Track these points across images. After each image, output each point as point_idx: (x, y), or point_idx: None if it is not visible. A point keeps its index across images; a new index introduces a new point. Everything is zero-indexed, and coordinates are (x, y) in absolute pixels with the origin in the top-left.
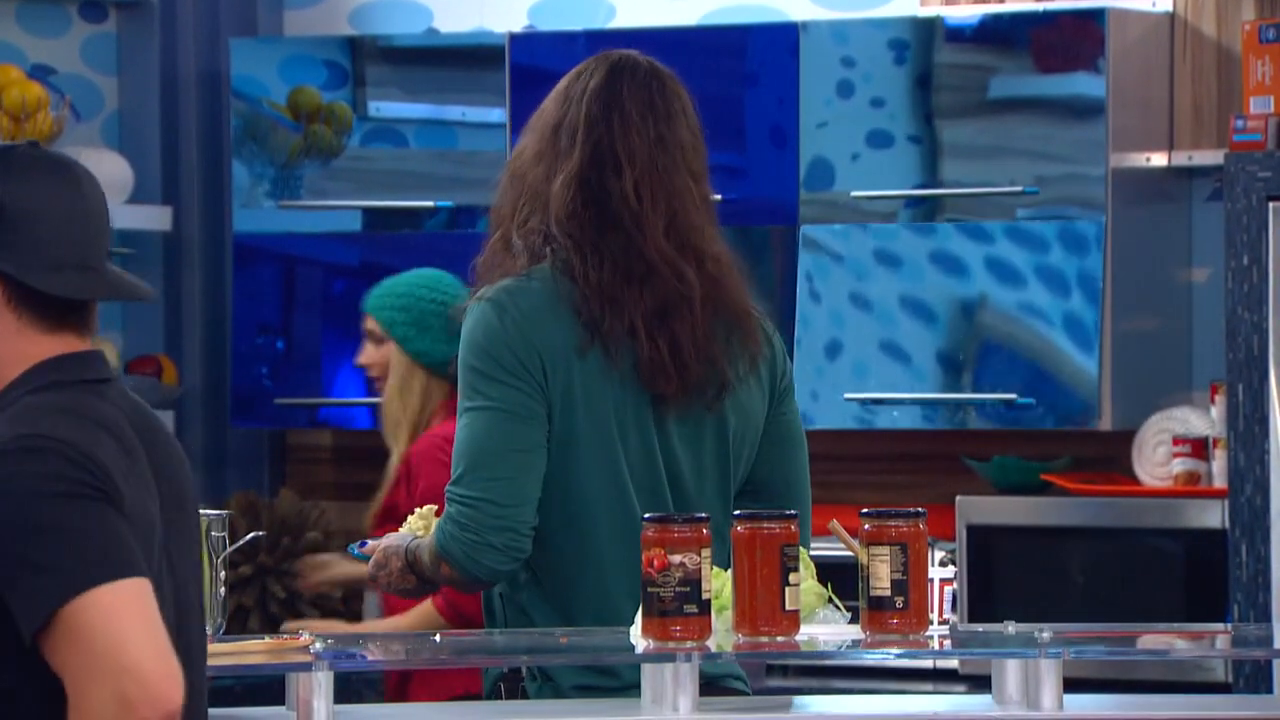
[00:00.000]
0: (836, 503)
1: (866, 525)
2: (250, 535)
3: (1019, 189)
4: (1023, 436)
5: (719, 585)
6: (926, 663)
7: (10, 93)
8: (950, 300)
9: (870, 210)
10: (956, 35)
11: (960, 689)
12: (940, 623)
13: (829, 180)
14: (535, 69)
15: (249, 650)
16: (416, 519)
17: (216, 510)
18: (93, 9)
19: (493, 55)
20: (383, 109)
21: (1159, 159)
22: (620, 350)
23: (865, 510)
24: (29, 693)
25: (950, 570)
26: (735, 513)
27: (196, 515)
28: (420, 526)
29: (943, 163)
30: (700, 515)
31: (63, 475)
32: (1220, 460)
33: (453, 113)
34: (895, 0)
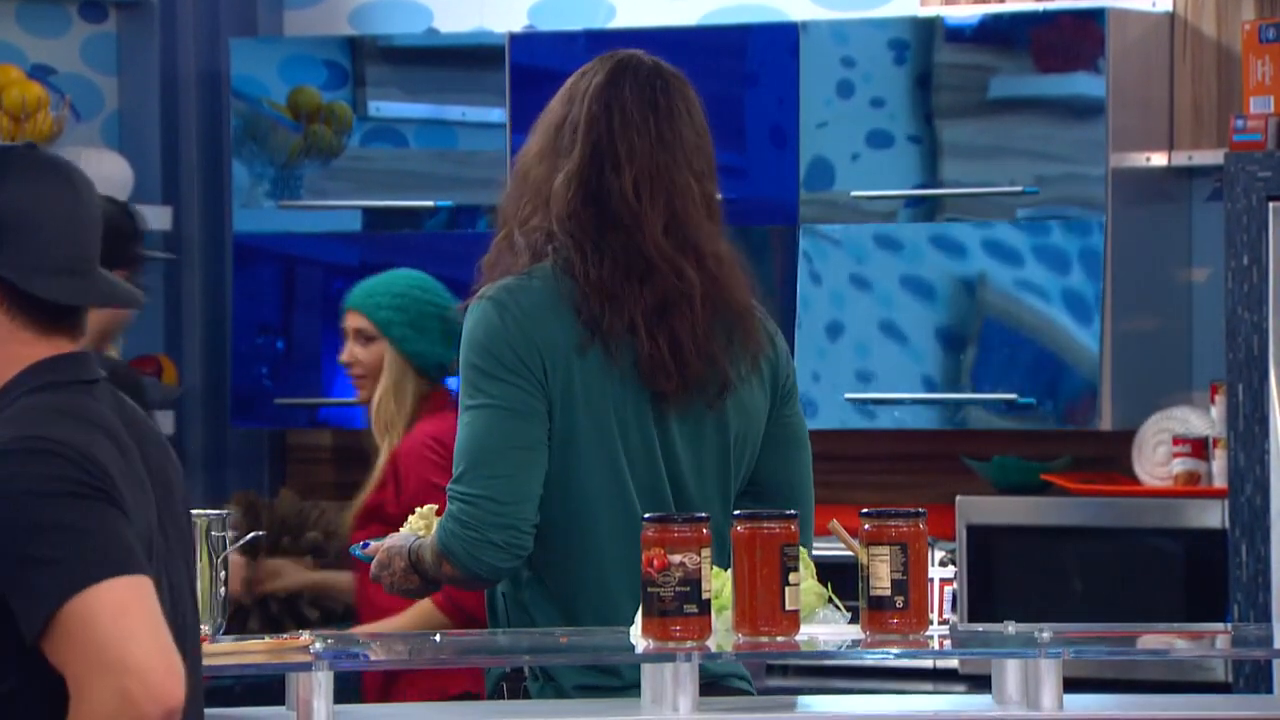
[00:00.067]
0: (836, 503)
1: (866, 525)
2: (250, 535)
3: (1019, 189)
4: (1023, 436)
5: (719, 585)
6: (926, 663)
7: (10, 93)
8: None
9: (870, 210)
10: (956, 35)
11: (960, 689)
12: (940, 623)
13: (829, 180)
14: (535, 69)
15: (249, 650)
16: (417, 519)
17: (216, 510)
18: (93, 9)
19: (493, 55)
20: (383, 109)
21: (1159, 159)
22: (620, 348)
23: (865, 510)
24: (30, 694)
25: (950, 570)
26: (735, 513)
27: (189, 514)
28: (421, 526)
29: (943, 163)
30: (700, 515)
31: (63, 476)
32: (1220, 460)
33: (453, 113)
34: (895, 0)
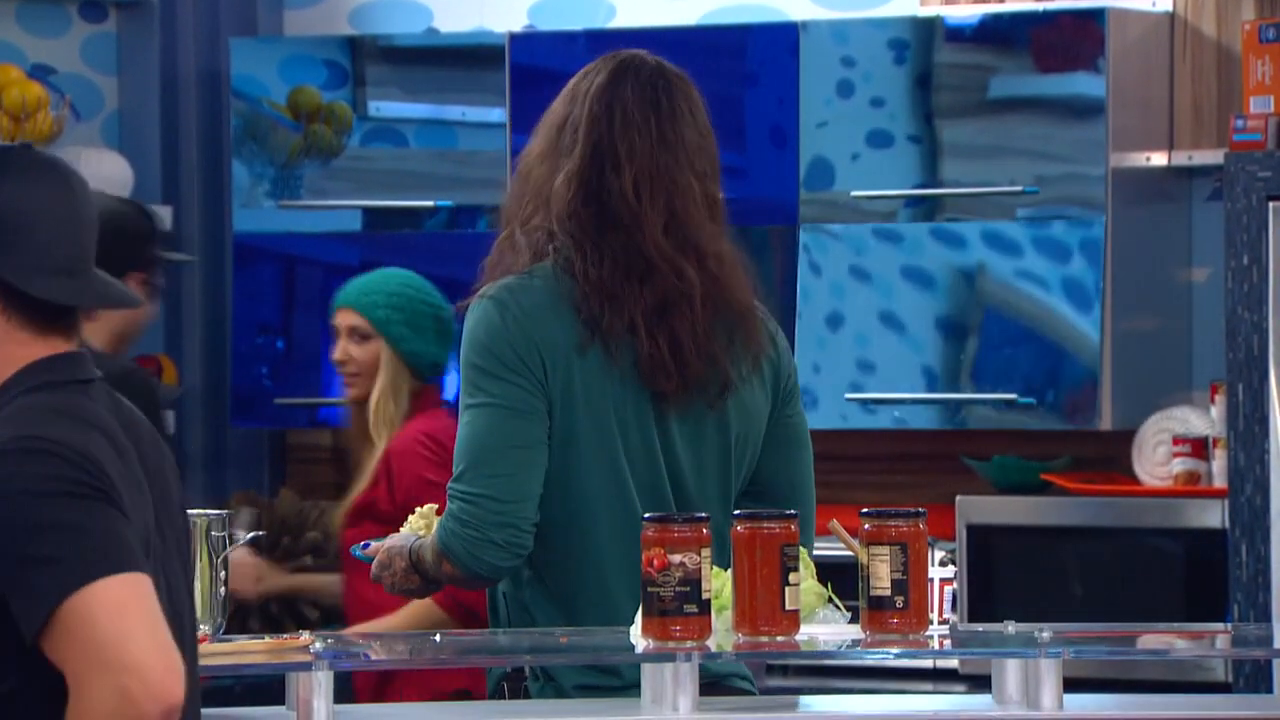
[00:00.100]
0: (836, 503)
1: (866, 525)
2: (250, 535)
3: (1019, 189)
4: (1023, 436)
5: (719, 585)
6: (926, 662)
7: (10, 93)
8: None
9: (870, 210)
10: (956, 35)
11: (960, 689)
12: (940, 622)
13: (829, 180)
14: (535, 69)
15: (249, 650)
16: (418, 518)
17: (217, 510)
18: (93, 9)
19: (493, 55)
20: (383, 109)
21: (1159, 159)
22: (620, 348)
23: (865, 510)
24: (31, 693)
25: (950, 570)
26: (735, 512)
27: (185, 514)
28: (422, 526)
29: (943, 162)
30: (700, 515)
31: (61, 475)
32: (1220, 460)
33: (453, 112)
34: (895, 0)
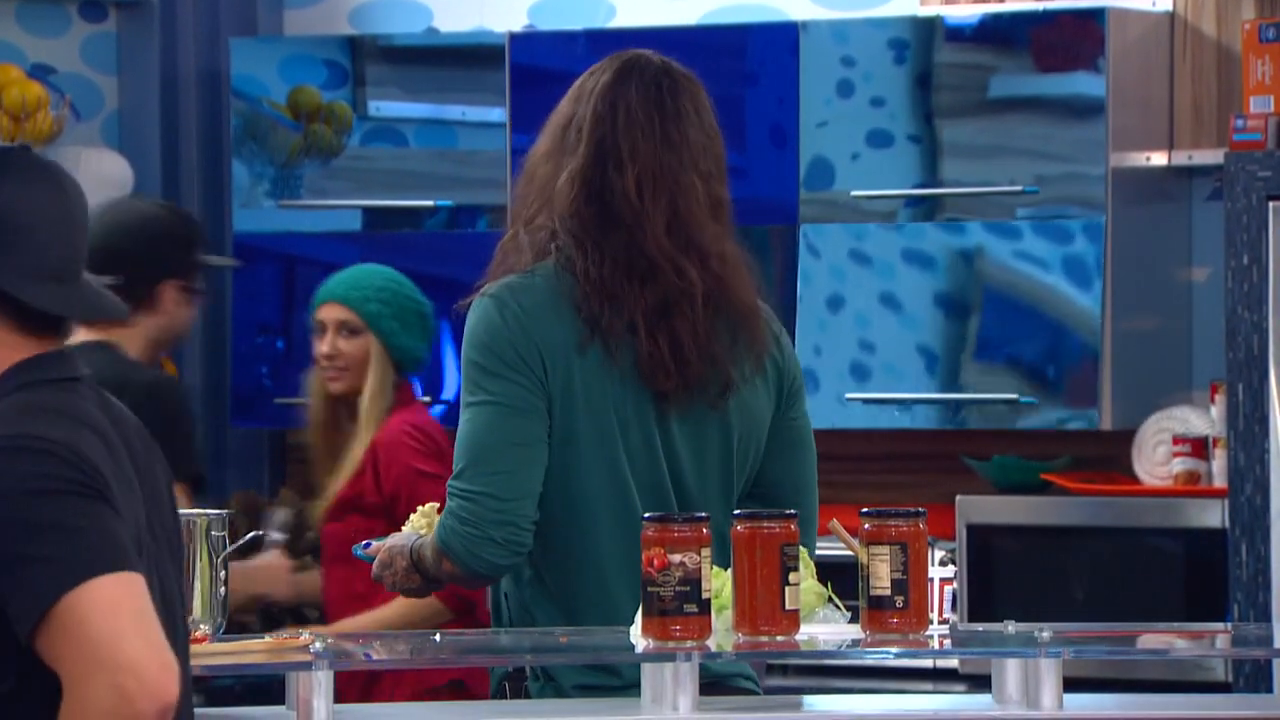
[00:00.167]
0: (836, 503)
1: (866, 525)
2: (250, 535)
3: (1019, 188)
4: (1023, 436)
5: (719, 585)
6: (926, 662)
7: (10, 92)
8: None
9: (870, 209)
10: (956, 35)
11: (960, 688)
12: (940, 622)
13: (829, 180)
14: (535, 69)
15: (249, 650)
16: (419, 517)
17: (217, 510)
18: (93, 8)
19: (493, 55)
20: (383, 108)
21: (1159, 158)
22: (620, 347)
23: (865, 510)
24: (27, 694)
25: (950, 570)
26: (735, 512)
27: (176, 513)
28: (423, 525)
29: (943, 162)
30: (700, 515)
31: (55, 474)
32: (1220, 460)
33: (453, 112)
34: (895, 0)
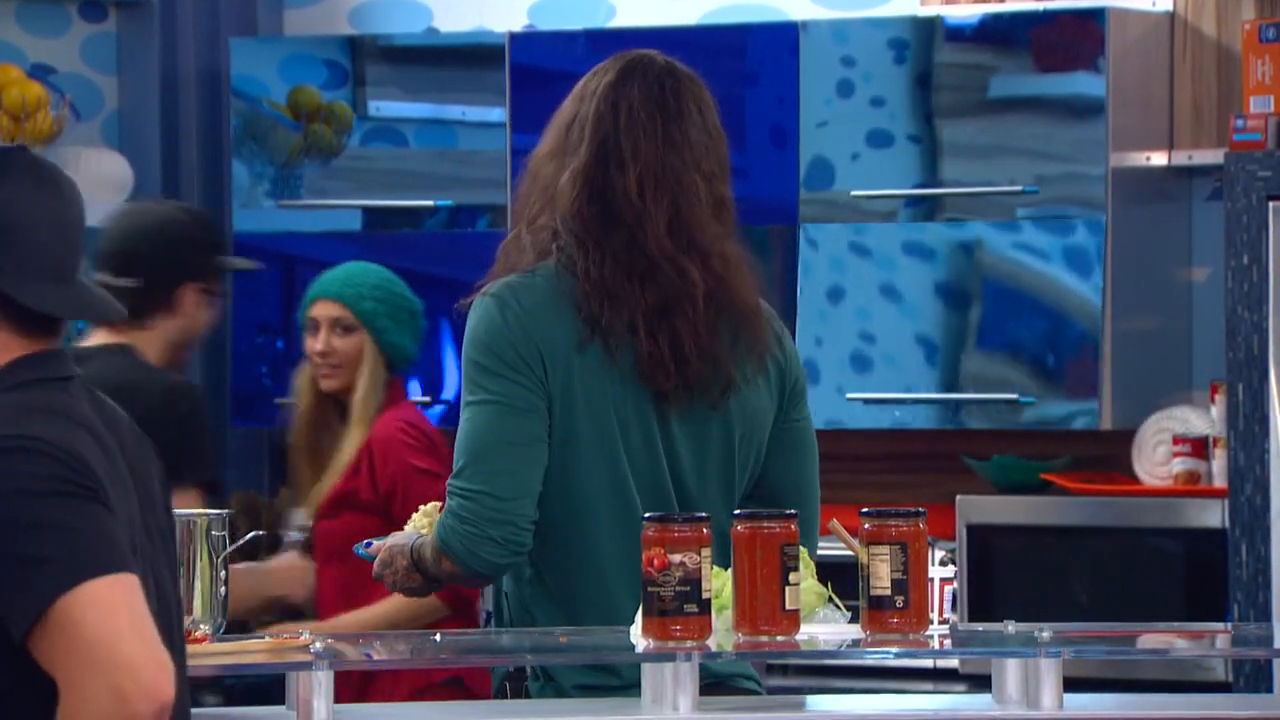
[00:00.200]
0: (836, 502)
1: (866, 525)
2: (250, 535)
3: (1019, 188)
4: (1023, 436)
5: (719, 585)
6: (926, 662)
7: (10, 92)
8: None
9: (870, 209)
10: (956, 35)
11: (960, 688)
12: (940, 622)
13: (829, 180)
14: (535, 68)
15: (249, 650)
16: (421, 516)
17: (217, 510)
18: (93, 8)
19: (493, 55)
20: (383, 108)
21: (1159, 158)
22: (620, 346)
23: (865, 510)
24: (23, 694)
25: (950, 570)
26: (735, 512)
27: (171, 513)
28: (425, 524)
29: (943, 162)
30: (700, 515)
31: (50, 474)
32: (1220, 460)
33: (453, 112)
34: (895, 0)
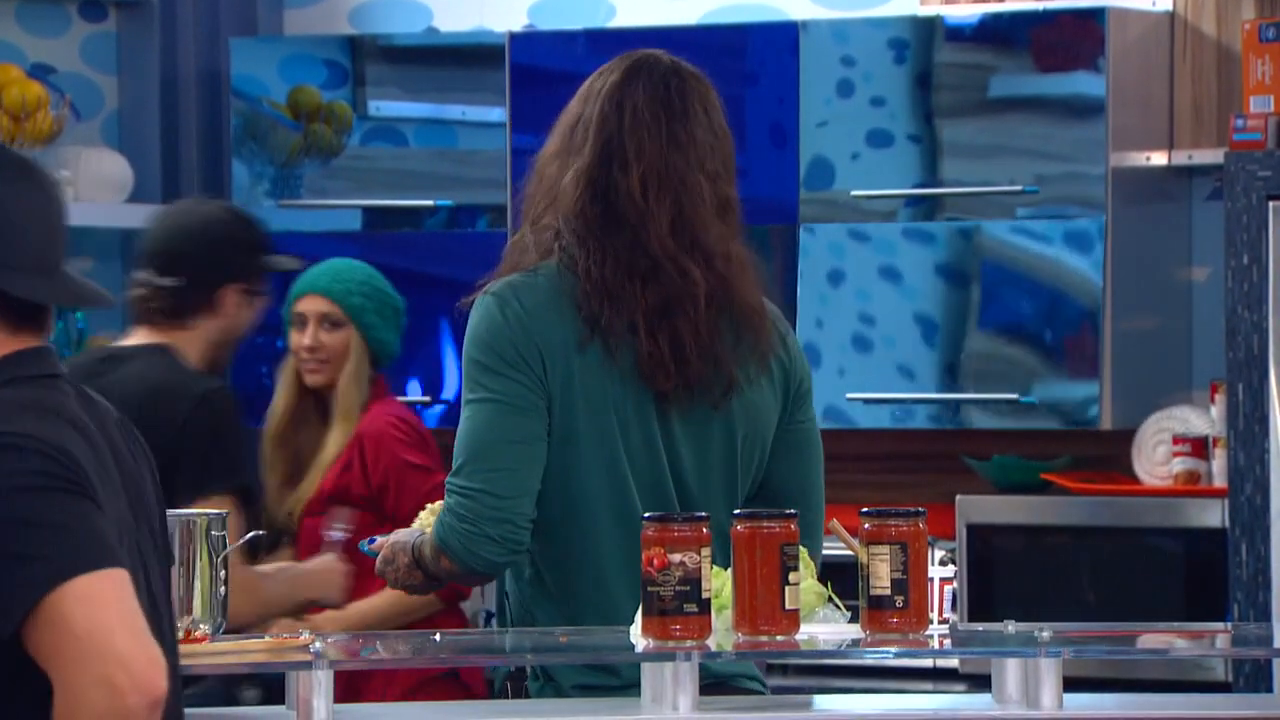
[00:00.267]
0: (836, 502)
1: (866, 524)
2: (250, 535)
3: (1019, 188)
4: (1023, 436)
5: (719, 584)
6: (926, 662)
7: (10, 92)
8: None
9: (870, 209)
10: (956, 34)
11: (960, 688)
12: (940, 622)
13: (829, 179)
14: (535, 68)
15: (249, 650)
16: (427, 514)
17: (217, 510)
18: (93, 8)
19: (493, 54)
20: (383, 108)
21: (1159, 158)
22: (620, 346)
23: (865, 510)
24: (18, 695)
25: (950, 569)
26: (735, 512)
27: (163, 512)
28: (429, 522)
29: (943, 162)
30: (700, 514)
31: (40, 470)
32: (1220, 459)
33: (453, 112)
34: (895, 0)
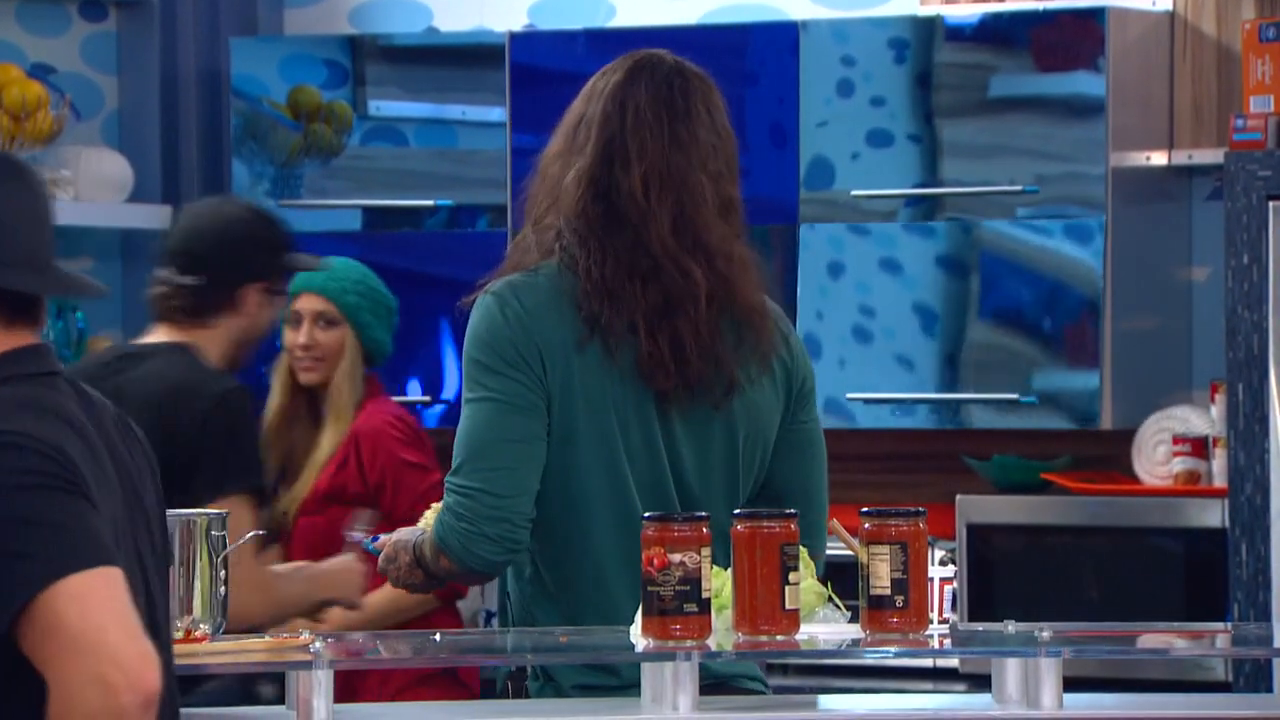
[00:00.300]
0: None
1: (866, 524)
2: (250, 534)
3: (1019, 188)
4: (1023, 436)
5: (719, 584)
6: (926, 662)
7: (10, 92)
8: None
9: (870, 209)
10: (956, 34)
11: (960, 688)
12: (940, 622)
13: (829, 179)
14: (535, 68)
15: (249, 649)
16: (431, 513)
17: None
18: (93, 8)
19: (493, 54)
20: (383, 108)
21: (1159, 158)
22: (620, 346)
23: (865, 509)
24: (12, 691)
25: (950, 569)
26: (735, 512)
27: (163, 511)
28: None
29: (943, 162)
30: (700, 514)
31: (34, 469)
32: (1220, 459)
33: (453, 112)
34: (895, 0)
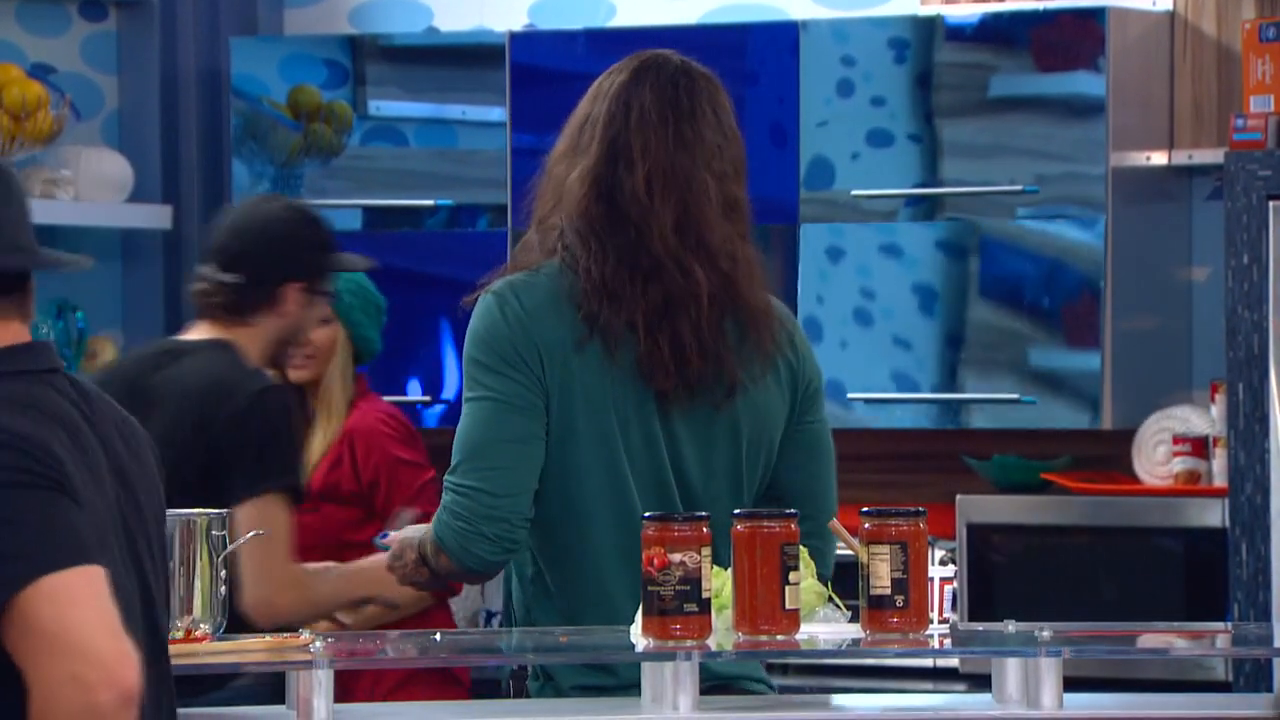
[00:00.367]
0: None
1: (866, 524)
2: (250, 534)
3: (1019, 188)
4: (1023, 435)
5: (719, 584)
6: (926, 661)
7: (10, 91)
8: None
9: (870, 209)
10: (957, 34)
11: (960, 688)
12: (940, 622)
13: (829, 179)
14: (535, 68)
15: (249, 649)
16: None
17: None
18: (93, 8)
19: (493, 54)
20: (383, 108)
21: (1159, 158)
22: (620, 345)
23: (865, 509)
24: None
25: (950, 569)
26: (735, 511)
27: (162, 510)
28: None
29: (943, 162)
30: (700, 514)
31: (17, 467)
32: (1220, 459)
33: (453, 111)
34: (895, 0)
